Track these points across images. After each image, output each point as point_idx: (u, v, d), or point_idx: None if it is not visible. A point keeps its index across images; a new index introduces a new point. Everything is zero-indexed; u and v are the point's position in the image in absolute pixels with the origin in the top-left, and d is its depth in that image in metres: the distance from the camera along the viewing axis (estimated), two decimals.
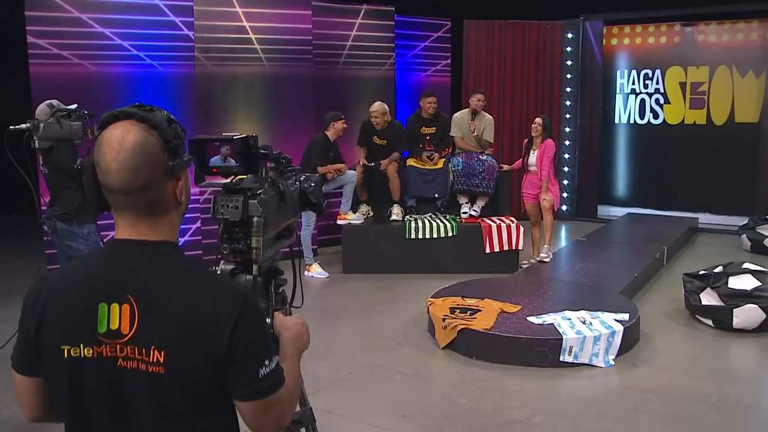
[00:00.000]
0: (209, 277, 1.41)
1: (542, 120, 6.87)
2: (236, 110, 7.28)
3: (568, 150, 10.00)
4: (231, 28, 7.13)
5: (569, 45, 9.83)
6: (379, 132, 7.32)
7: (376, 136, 7.34)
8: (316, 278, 6.91)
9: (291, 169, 2.15)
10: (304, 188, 2.13)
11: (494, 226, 6.94)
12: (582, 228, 9.58)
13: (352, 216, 7.12)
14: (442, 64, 9.58)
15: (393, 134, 7.37)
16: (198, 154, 1.78)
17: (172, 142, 1.37)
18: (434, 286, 6.25)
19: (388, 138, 7.35)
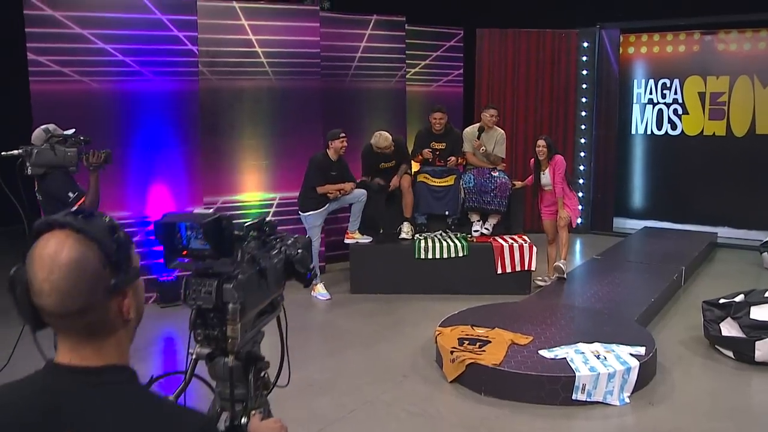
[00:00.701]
0: (160, 411, 1.23)
1: (544, 140, 6.69)
2: (242, 125, 7.13)
3: (583, 162, 9.77)
4: (237, 41, 6.98)
5: (585, 54, 9.58)
6: (386, 156, 7.11)
7: (382, 161, 7.14)
8: (319, 299, 6.74)
9: (275, 236, 1.97)
10: (290, 256, 1.96)
11: (506, 246, 6.74)
12: (597, 242, 9.35)
13: (360, 235, 6.94)
14: (454, 74, 9.38)
15: (398, 154, 7.17)
16: (166, 237, 1.61)
17: (113, 255, 1.19)
18: (443, 310, 6.09)
19: (394, 158, 7.16)
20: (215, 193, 7.05)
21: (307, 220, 6.64)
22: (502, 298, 6.55)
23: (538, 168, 6.77)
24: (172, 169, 6.57)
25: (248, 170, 7.21)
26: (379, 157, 7.08)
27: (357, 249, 6.88)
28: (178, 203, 6.62)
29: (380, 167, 7.14)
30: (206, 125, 6.89)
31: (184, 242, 1.62)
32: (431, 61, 9.16)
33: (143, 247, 6.52)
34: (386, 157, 7.08)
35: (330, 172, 6.62)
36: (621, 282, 6.54)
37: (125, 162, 6.37)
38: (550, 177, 6.63)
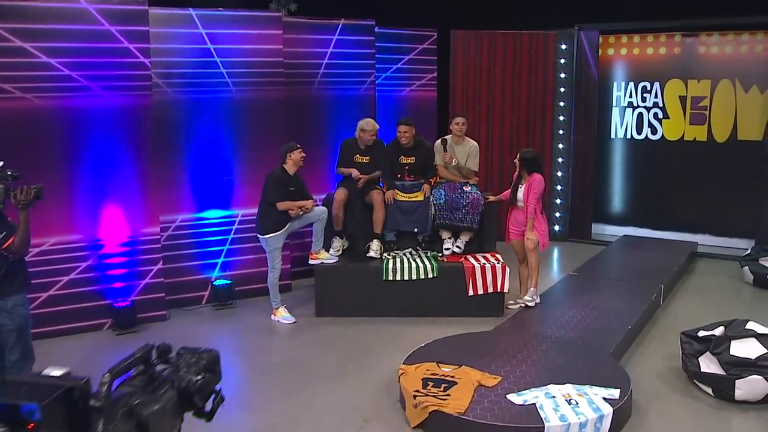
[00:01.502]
0: None
1: (520, 155, 6.36)
2: (201, 139, 6.75)
3: (561, 167, 9.48)
4: (194, 51, 6.60)
5: (563, 56, 9.27)
6: (362, 150, 6.81)
7: (358, 154, 6.84)
8: (282, 323, 6.43)
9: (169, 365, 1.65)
10: (185, 387, 1.63)
11: (478, 267, 6.45)
12: (575, 251, 9.11)
13: (325, 255, 6.62)
14: (427, 77, 9.03)
15: (376, 152, 6.87)
16: None
17: None
18: (412, 336, 5.84)
19: (371, 155, 6.85)
20: (173, 211, 6.70)
21: (268, 243, 6.31)
22: (474, 321, 6.31)
23: (518, 182, 6.46)
24: (124, 188, 6.20)
25: (208, 186, 6.84)
26: (357, 149, 6.81)
27: (322, 270, 6.56)
28: (132, 224, 6.26)
29: (355, 159, 6.84)
30: (162, 140, 6.52)
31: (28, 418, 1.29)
32: (403, 64, 8.80)
33: (96, 272, 6.16)
34: (363, 151, 6.81)
35: (289, 187, 6.29)
36: (597, 305, 6.27)
37: (74, 183, 6.00)
38: (524, 194, 6.32)
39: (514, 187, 6.47)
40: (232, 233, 7.01)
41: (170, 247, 6.73)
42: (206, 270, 6.94)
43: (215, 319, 6.60)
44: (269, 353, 5.76)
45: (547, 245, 6.45)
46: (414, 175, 7.07)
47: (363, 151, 6.86)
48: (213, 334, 6.22)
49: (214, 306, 6.86)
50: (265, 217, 6.28)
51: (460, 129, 6.86)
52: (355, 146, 6.87)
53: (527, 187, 6.29)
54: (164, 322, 6.48)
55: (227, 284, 6.88)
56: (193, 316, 6.66)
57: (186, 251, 6.83)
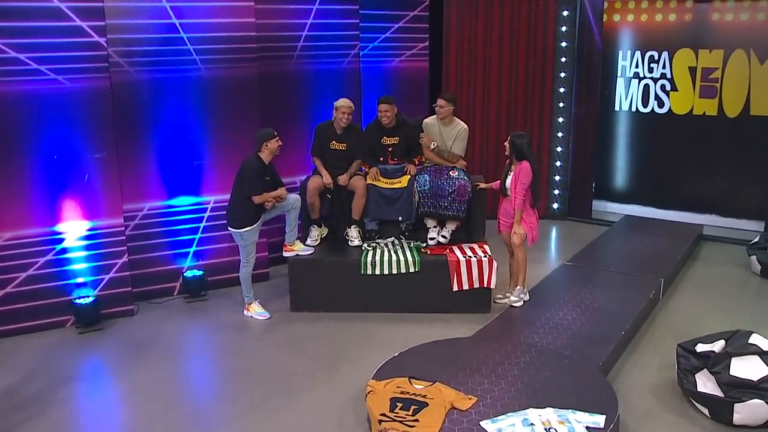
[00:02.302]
0: None
1: (511, 139, 5.83)
2: (168, 122, 6.28)
3: (561, 142, 8.95)
4: (157, 26, 6.07)
5: (564, 24, 8.63)
6: (338, 135, 6.35)
7: (334, 140, 6.38)
8: (255, 319, 6.07)
9: None
10: None
11: (463, 261, 6.02)
12: (573, 231, 8.67)
13: (300, 247, 6.21)
14: (419, 47, 8.45)
15: (352, 138, 6.42)
16: None
17: None
18: (391, 336, 5.60)
19: (347, 141, 6.39)
20: (139, 199, 6.28)
21: (243, 237, 5.89)
22: (459, 318, 5.95)
23: (508, 168, 5.98)
24: (83, 178, 5.77)
25: (176, 172, 6.40)
26: (333, 135, 6.37)
27: (296, 263, 6.16)
28: (93, 216, 5.86)
29: (331, 146, 6.40)
30: (126, 124, 6.07)
31: None
32: (392, 33, 8.22)
33: (56, 267, 5.80)
34: (339, 136, 6.37)
35: (264, 177, 5.85)
36: (590, 304, 5.85)
37: (27, 174, 5.59)
38: (512, 184, 5.84)
39: (504, 174, 5.99)
40: (204, 221, 6.60)
41: (138, 236, 6.33)
42: (177, 260, 6.56)
43: (185, 314, 6.25)
44: (237, 357, 5.40)
45: (536, 239, 5.98)
46: (398, 156, 6.62)
47: (339, 136, 6.38)
48: (180, 333, 5.86)
49: (186, 298, 6.51)
50: (239, 210, 5.86)
51: (439, 111, 6.37)
52: (330, 131, 6.39)
53: (515, 175, 5.81)
54: (131, 318, 6.14)
55: (199, 276, 6.50)
56: (163, 311, 6.31)
57: (155, 241, 6.43)
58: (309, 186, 6.30)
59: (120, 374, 5.21)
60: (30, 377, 5.08)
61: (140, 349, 5.55)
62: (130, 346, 5.60)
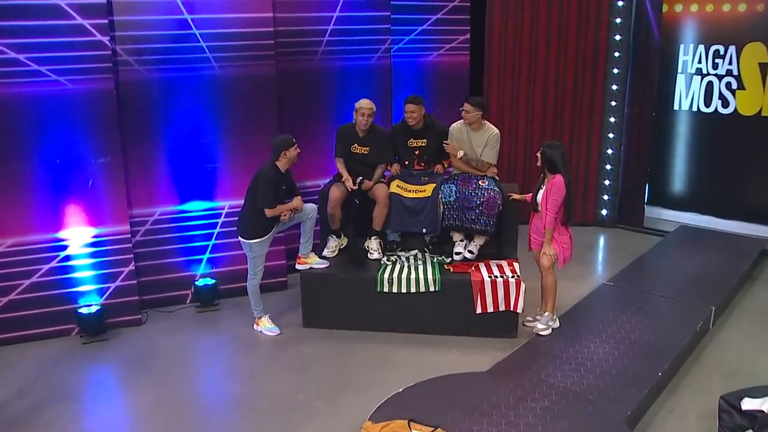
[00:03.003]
0: None
1: (542, 149, 5.26)
2: (180, 123, 5.98)
3: (612, 144, 8.23)
4: (168, 23, 5.75)
5: (619, 15, 7.89)
6: (360, 138, 5.93)
7: (356, 143, 5.96)
8: (265, 334, 5.74)
9: None
10: None
11: (488, 282, 5.51)
12: (622, 242, 8.00)
13: (315, 260, 5.82)
14: (459, 39, 7.88)
15: (376, 141, 5.97)
16: None
17: None
18: (403, 362, 5.24)
19: (370, 145, 5.95)
20: (150, 204, 6.02)
21: (252, 248, 5.55)
22: (481, 343, 5.50)
23: (540, 182, 5.42)
24: (87, 182, 5.53)
25: (189, 176, 6.11)
26: (355, 137, 5.95)
27: (309, 277, 5.77)
28: (98, 222, 5.62)
29: (352, 150, 5.98)
30: (136, 125, 5.81)
31: None
32: (430, 25, 7.68)
33: (59, 274, 5.60)
34: (361, 139, 5.95)
35: (281, 187, 5.47)
36: (626, 335, 5.25)
37: (30, 178, 5.39)
38: (543, 199, 5.28)
39: (537, 187, 5.43)
40: (218, 227, 6.29)
41: (149, 242, 6.09)
42: (190, 267, 6.29)
43: (194, 326, 5.97)
44: (238, 378, 5.08)
45: (568, 261, 5.41)
46: (426, 161, 6.15)
47: (361, 139, 5.95)
48: (184, 347, 5.58)
49: (198, 307, 6.23)
50: (251, 220, 5.50)
51: (465, 117, 5.85)
52: (352, 133, 5.96)
53: (546, 190, 5.24)
54: (139, 328, 5.91)
55: (211, 284, 6.21)
56: (173, 321, 6.05)
57: (167, 247, 6.17)
58: (331, 196, 5.89)
59: (116, 391, 5.00)
60: (26, 390, 4.90)
61: (140, 364, 5.30)
62: (130, 360, 5.37)
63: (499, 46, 8.16)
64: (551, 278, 5.36)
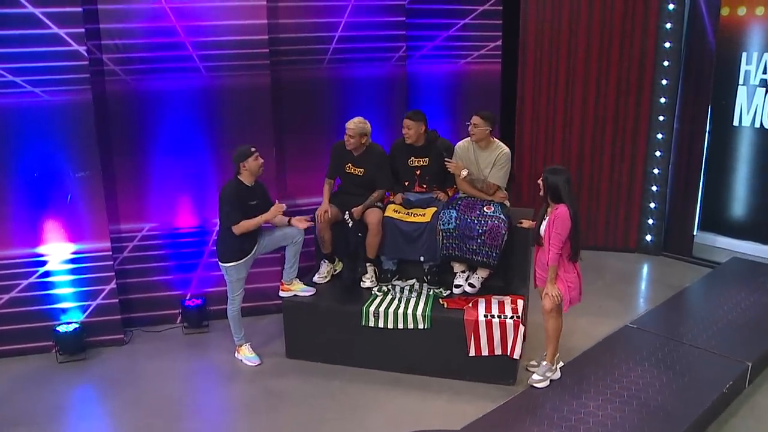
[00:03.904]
0: None
1: (545, 176, 4.62)
2: (169, 135, 5.70)
3: (659, 164, 7.39)
4: (156, 30, 5.46)
5: (669, 20, 7.04)
6: (355, 158, 5.47)
7: (350, 162, 5.51)
8: (245, 364, 5.38)
9: None
10: None
11: (482, 322, 4.93)
12: (665, 273, 7.19)
13: (299, 287, 5.40)
14: (490, 46, 7.26)
15: (371, 162, 5.50)
16: None
17: None
18: (383, 407, 4.79)
19: (365, 166, 5.49)
20: (138, 219, 5.79)
21: (229, 273, 5.19)
22: (474, 388, 4.99)
23: (543, 212, 4.79)
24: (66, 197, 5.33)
25: (178, 191, 5.82)
26: (348, 156, 5.51)
27: (291, 306, 5.37)
28: (77, 238, 5.41)
29: (346, 170, 5.55)
30: (122, 138, 5.59)
31: None
32: (456, 31, 7.10)
33: (38, 290, 5.43)
34: (355, 159, 5.49)
35: (248, 201, 5.06)
36: (637, 393, 4.55)
37: (6, 192, 5.23)
38: (546, 232, 4.65)
39: (540, 218, 4.80)
40: (210, 245, 5.97)
41: (137, 259, 5.86)
42: (180, 286, 6.00)
43: (177, 349, 5.68)
44: (198, 416, 4.74)
45: (575, 302, 4.75)
46: (428, 182, 5.62)
47: (356, 159, 5.49)
48: (159, 374, 5.28)
49: (186, 328, 5.95)
50: (223, 242, 5.16)
51: (472, 131, 5.29)
52: (346, 152, 5.51)
53: (549, 222, 4.61)
54: (120, 348, 5.67)
55: (199, 306, 5.91)
56: (156, 342, 5.78)
57: (155, 264, 5.92)
58: (320, 215, 5.47)
59: (74, 417, 4.77)
60: None
61: (107, 389, 5.08)
62: (99, 384, 5.16)
63: (534, 53, 7.46)
64: (553, 323, 4.72)
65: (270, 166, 5.90)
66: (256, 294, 5.92)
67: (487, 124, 5.27)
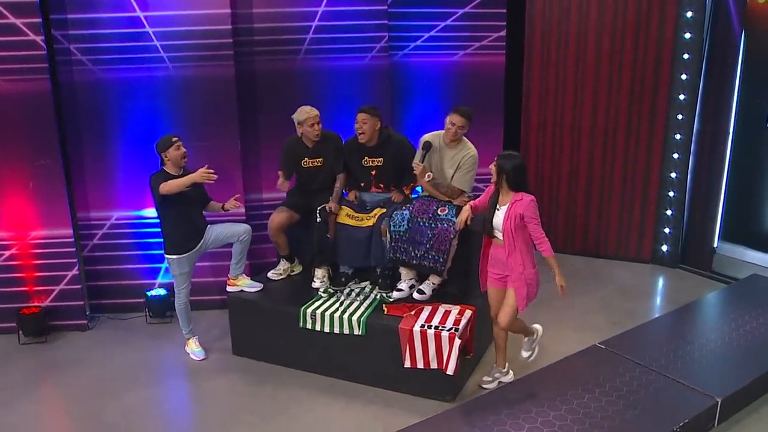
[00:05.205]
0: None
1: (499, 163, 4.30)
2: (136, 125, 5.72)
3: (677, 167, 6.71)
4: (120, 20, 5.48)
5: (690, 8, 6.35)
6: (310, 150, 5.26)
7: (306, 156, 5.31)
8: (191, 357, 5.33)
9: None
10: None
11: (417, 332, 4.63)
12: (679, 286, 6.63)
13: (245, 282, 5.29)
14: (493, 37, 6.84)
15: (328, 149, 5.32)
16: None
17: None
18: (305, 411, 4.64)
19: (323, 155, 5.30)
20: (106, 207, 5.88)
21: (171, 267, 5.15)
22: (410, 403, 4.74)
23: (495, 202, 4.43)
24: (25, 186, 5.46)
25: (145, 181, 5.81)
26: (303, 150, 5.29)
27: (236, 301, 5.26)
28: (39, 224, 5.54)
29: (303, 165, 5.34)
30: (91, 127, 5.70)
31: None
32: (454, 21, 6.73)
33: (3, 273, 5.62)
34: (310, 151, 5.29)
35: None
36: (572, 424, 4.09)
37: None
38: (508, 223, 4.29)
39: (492, 208, 4.42)
40: None
41: (107, 246, 5.95)
42: (147, 275, 6.04)
43: (135, 337, 5.72)
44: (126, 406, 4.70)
45: (533, 299, 4.43)
46: (384, 182, 5.34)
47: (311, 150, 5.28)
48: (107, 361, 5.32)
49: (151, 317, 5.98)
50: (166, 234, 5.11)
51: (450, 131, 4.91)
52: (299, 146, 5.30)
53: (511, 213, 4.28)
54: (82, 333, 5.78)
55: (163, 296, 5.92)
56: (119, 330, 5.85)
57: (123, 253, 5.99)
58: (270, 224, 5.32)
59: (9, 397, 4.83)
60: None
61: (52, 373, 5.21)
62: (47, 367, 5.28)
63: (541, 46, 6.95)
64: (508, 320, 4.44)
65: (235, 158, 5.83)
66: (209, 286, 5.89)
67: (468, 124, 4.91)
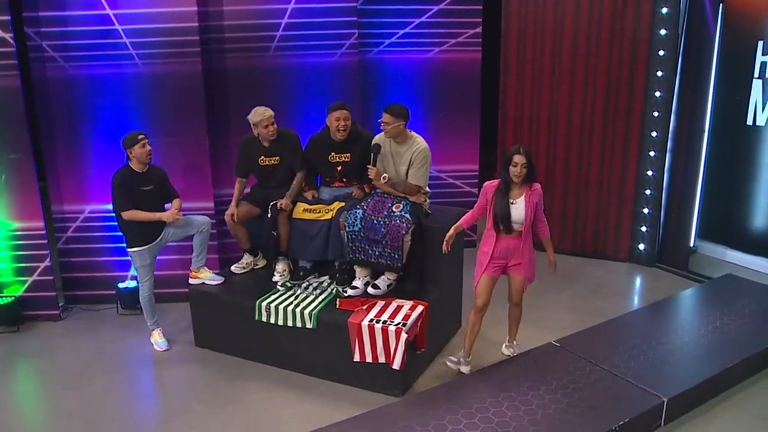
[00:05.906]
0: None
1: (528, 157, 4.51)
2: (106, 121, 5.85)
3: (653, 165, 6.65)
4: (90, 17, 5.61)
5: (664, 4, 6.28)
6: (267, 148, 5.32)
7: (263, 154, 5.36)
8: (154, 348, 5.45)
9: None
10: None
11: (365, 327, 4.66)
12: (653, 285, 6.58)
13: (207, 275, 5.38)
14: (468, 34, 6.86)
15: (286, 147, 5.37)
16: None
17: None
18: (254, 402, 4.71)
19: (279, 153, 5.35)
20: (79, 201, 6.04)
21: (133, 259, 5.26)
22: (358, 395, 4.74)
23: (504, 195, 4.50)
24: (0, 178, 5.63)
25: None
26: (260, 148, 5.33)
27: (197, 294, 5.35)
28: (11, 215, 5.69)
29: (260, 163, 5.38)
30: (63, 122, 5.84)
31: None
32: (429, 17, 6.76)
33: None
34: (267, 149, 5.33)
35: (141, 187, 5.06)
36: (510, 421, 4.10)
37: None
38: (525, 209, 4.48)
39: (504, 203, 4.47)
40: None
41: (80, 239, 6.09)
42: (118, 267, 6.17)
43: (105, 328, 5.85)
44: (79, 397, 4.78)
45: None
46: (348, 178, 5.39)
47: (268, 148, 5.34)
48: (73, 351, 5.44)
49: (122, 309, 6.11)
50: (125, 227, 5.21)
51: (385, 129, 4.96)
52: (255, 144, 5.35)
53: (529, 202, 4.50)
54: (54, 323, 5.93)
55: (133, 288, 6.04)
56: (90, 321, 6.00)
57: (96, 245, 6.14)
58: (227, 218, 5.39)
59: None
60: None
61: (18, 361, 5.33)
62: (15, 356, 5.39)
63: (517, 42, 6.93)
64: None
65: (204, 154, 5.92)
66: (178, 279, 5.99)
67: (398, 120, 4.93)
